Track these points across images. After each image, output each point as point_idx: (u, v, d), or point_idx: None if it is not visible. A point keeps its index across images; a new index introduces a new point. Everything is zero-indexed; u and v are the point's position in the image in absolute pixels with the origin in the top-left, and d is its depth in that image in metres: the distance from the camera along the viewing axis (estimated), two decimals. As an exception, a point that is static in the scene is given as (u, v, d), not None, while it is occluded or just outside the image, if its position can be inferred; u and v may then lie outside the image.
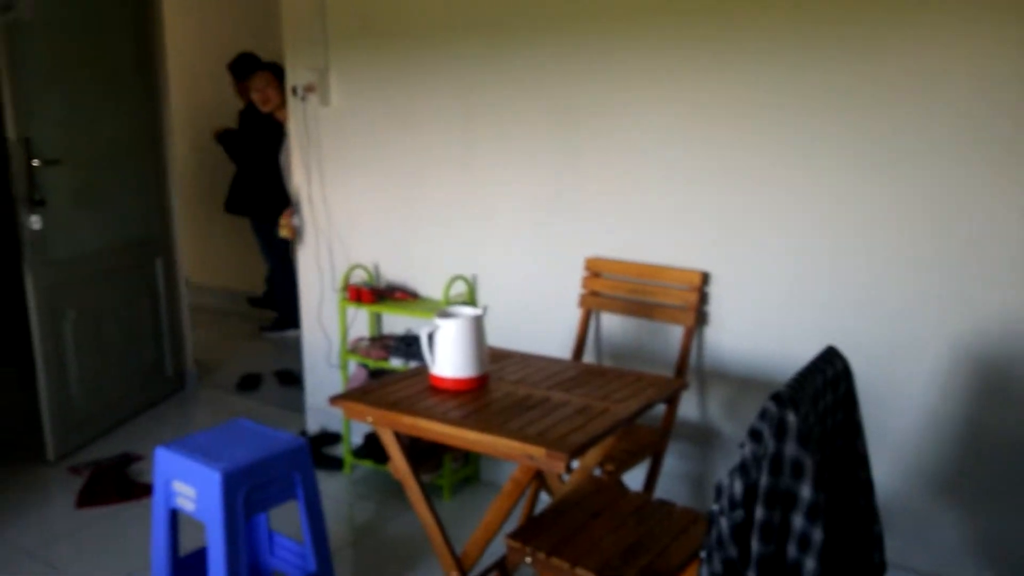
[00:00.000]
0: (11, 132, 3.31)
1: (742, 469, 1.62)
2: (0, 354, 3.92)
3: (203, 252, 6.24)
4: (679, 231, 2.72)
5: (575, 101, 2.85)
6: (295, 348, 5.28)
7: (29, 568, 2.80)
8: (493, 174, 3.10)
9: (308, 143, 3.57)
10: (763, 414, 1.63)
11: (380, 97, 3.34)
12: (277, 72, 4.02)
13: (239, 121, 5.12)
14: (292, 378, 4.57)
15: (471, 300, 3.22)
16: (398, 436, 2.20)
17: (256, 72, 4.00)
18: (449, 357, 2.19)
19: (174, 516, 2.40)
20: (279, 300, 5.45)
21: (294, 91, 3.54)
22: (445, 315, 2.24)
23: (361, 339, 3.44)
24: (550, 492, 2.55)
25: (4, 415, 3.87)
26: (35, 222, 3.40)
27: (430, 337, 2.23)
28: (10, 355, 3.94)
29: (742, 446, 1.65)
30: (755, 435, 1.63)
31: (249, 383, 4.53)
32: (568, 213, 2.94)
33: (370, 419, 2.16)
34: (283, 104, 3.98)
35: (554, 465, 1.84)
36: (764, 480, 1.58)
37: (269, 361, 4.94)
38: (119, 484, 3.36)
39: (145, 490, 3.30)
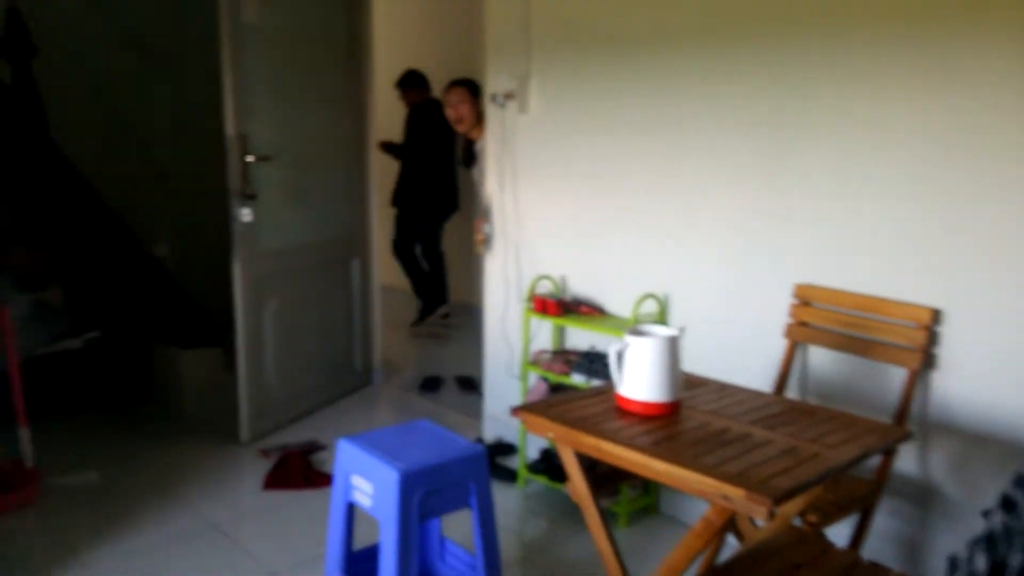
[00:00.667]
0: (229, 128, 3.51)
1: (988, 542, 1.37)
2: (212, 335, 4.17)
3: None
4: (904, 260, 2.42)
5: (785, 114, 2.62)
6: (477, 355, 5.31)
7: (216, 542, 2.92)
8: (695, 189, 2.92)
9: (503, 151, 3.54)
10: (1020, 481, 1.37)
11: (579, 105, 3.25)
12: (473, 89, 4.02)
13: (405, 125, 5.48)
14: (472, 385, 4.57)
15: (662, 320, 3.05)
16: (579, 456, 2.07)
17: (452, 86, 4.04)
18: (640, 378, 2.04)
19: (351, 510, 2.40)
20: (425, 290, 5.80)
21: (493, 98, 3.53)
22: (637, 333, 2.09)
23: (543, 352, 3.35)
24: (739, 536, 2.33)
25: (209, 394, 4.11)
26: (246, 215, 3.59)
27: (620, 355, 2.09)
28: (221, 337, 4.19)
29: (987, 515, 1.39)
30: (1009, 504, 1.37)
31: (431, 385, 4.57)
32: (776, 234, 2.70)
33: (551, 435, 2.05)
34: (478, 122, 3.98)
35: (755, 510, 1.65)
36: (1018, 559, 1.32)
37: (451, 366, 4.99)
38: (303, 470, 3.46)
39: (326, 479, 3.37)
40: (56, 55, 3.69)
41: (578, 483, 2.08)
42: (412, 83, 5.59)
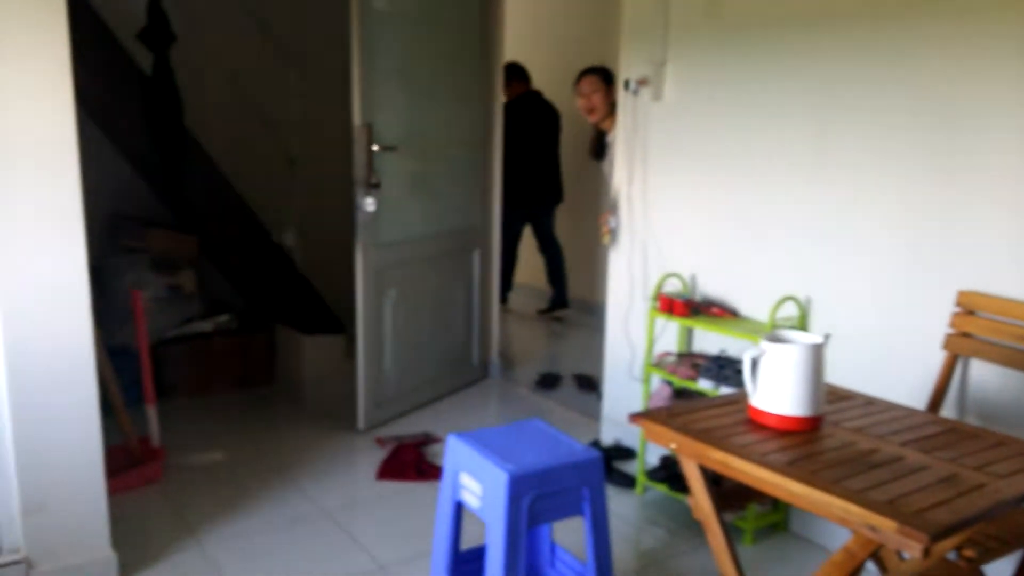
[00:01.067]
0: (356, 117, 3.50)
1: None
2: (334, 323, 4.20)
3: (521, 252, 6.35)
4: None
5: (956, 102, 2.33)
6: (596, 353, 5.16)
7: (327, 530, 2.91)
8: (847, 184, 2.66)
9: (634, 140, 3.37)
10: None
11: (719, 93, 3.04)
12: (606, 77, 3.86)
13: (504, 115, 5.29)
14: (590, 384, 4.42)
15: (802, 326, 2.81)
16: (703, 470, 1.90)
17: (583, 75, 3.88)
18: (778, 389, 1.84)
19: (459, 509, 2.31)
20: (557, 281, 5.76)
21: (626, 85, 3.36)
22: (777, 339, 1.90)
23: (668, 354, 3.17)
24: (881, 567, 2.09)
25: (328, 380, 4.15)
26: (370, 204, 3.57)
27: (755, 362, 1.90)
28: (341, 325, 4.22)
29: None
30: None
31: (548, 382, 4.46)
32: (939, 234, 2.42)
33: (673, 446, 1.88)
34: (610, 113, 3.82)
35: (907, 545, 1.43)
36: None
37: (570, 363, 4.85)
38: (417, 463, 3.42)
39: (439, 473, 3.32)
40: (192, 43, 3.80)
41: (701, 500, 1.91)
42: (510, 76, 5.41)
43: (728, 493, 2.02)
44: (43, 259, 2.37)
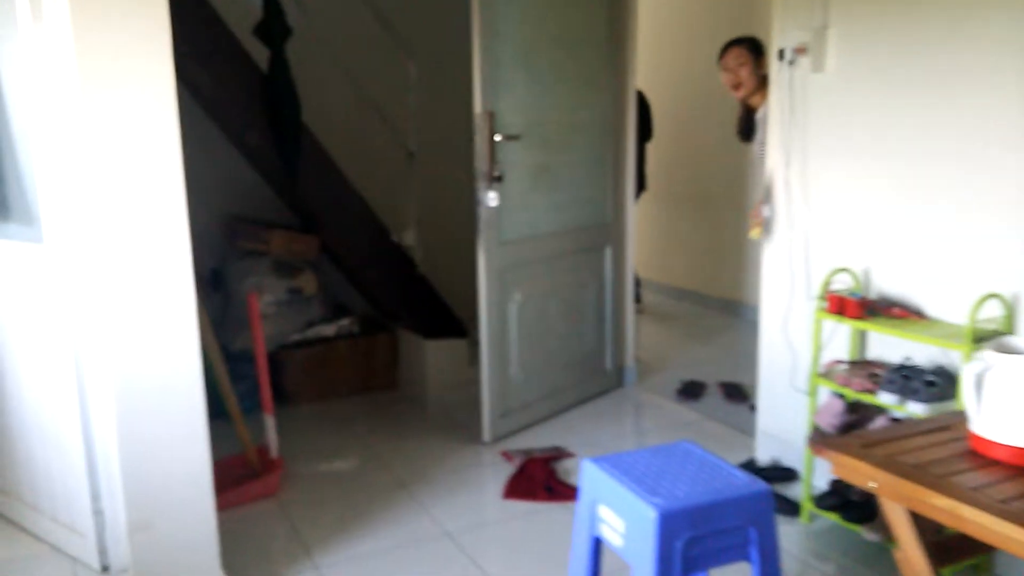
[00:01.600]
0: (477, 104, 3.23)
1: None
2: (456, 327, 3.95)
3: (651, 245, 5.96)
4: None
5: None
6: (743, 358, 4.70)
7: (450, 554, 2.64)
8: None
9: (792, 117, 2.94)
10: None
11: (896, 60, 2.57)
12: (754, 48, 3.42)
13: None
14: (739, 393, 3.99)
15: (1008, 328, 2.31)
16: (914, 515, 1.49)
17: (728, 47, 3.44)
18: (1012, 413, 1.41)
19: (597, 545, 1.98)
20: None
21: (780, 54, 2.93)
22: (1006, 349, 1.46)
23: (838, 362, 2.71)
24: None
25: (452, 387, 3.90)
26: (492, 199, 3.29)
27: (979, 379, 1.47)
28: (464, 329, 3.97)
29: None
30: None
31: (691, 391, 4.05)
32: None
33: (873, 485, 1.48)
34: (760, 87, 3.38)
35: None
36: None
37: (714, 369, 4.42)
38: (547, 480, 3.11)
39: (571, 492, 3.00)
40: (307, 37, 3.63)
41: (913, 556, 1.50)
42: None
43: (949, 546, 1.60)
44: (147, 267, 2.20)
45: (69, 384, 2.36)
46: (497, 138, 3.28)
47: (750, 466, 3.15)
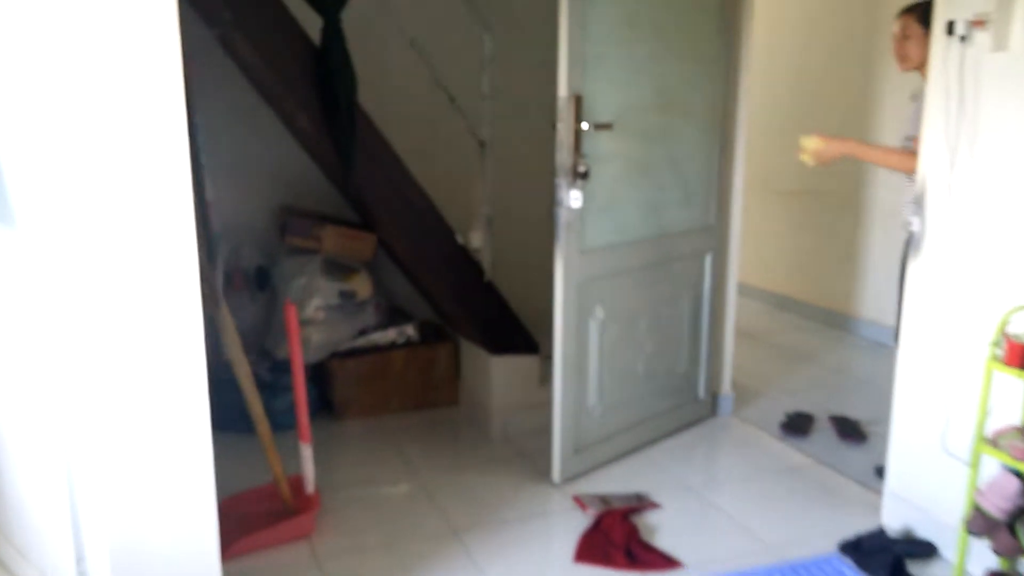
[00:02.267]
0: (562, 86, 2.70)
1: None
2: (526, 342, 3.45)
3: (753, 248, 5.30)
4: None
5: None
6: (858, 384, 4.08)
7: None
8: None
9: (960, 107, 2.31)
10: None
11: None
12: (925, 18, 2.76)
13: None
14: (855, 431, 3.39)
15: None
16: None
17: (900, 14, 2.80)
18: None
19: None
20: None
21: (949, 28, 2.31)
22: None
23: (1013, 429, 2.11)
24: None
25: (520, 412, 3.41)
26: (575, 199, 2.77)
27: None
28: (534, 345, 3.46)
29: None
30: None
31: (797, 426, 3.46)
32: None
33: None
34: (926, 62, 2.74)
35: None
36: None
37: (823, 397, 3.82)
38: (627, 539, 2.60)
39: (656, 561, 2.49)
40: (365, 4, 3.15)
41: None
42: None
43: None
44: (140, 261, 1.77)
45: (44, 394, 1.96)
46: (584, 127, 2.75)
47: (879, 537, 2.57)
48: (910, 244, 2.53)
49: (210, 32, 2.97)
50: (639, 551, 2.55)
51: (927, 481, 2.48)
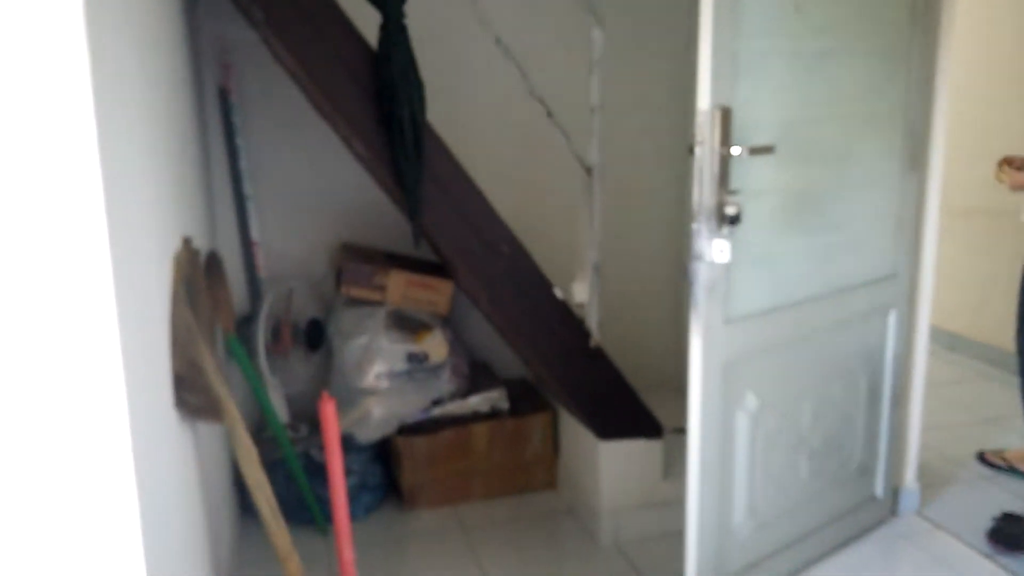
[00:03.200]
0: (703, 95, 1.92)
1: None
2: (643, 421, 2.68)
3: (950, 288, 4.26)
4: None
5: None
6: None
7: None
8: None
9: None
10: None
11: None
12: None
13: None
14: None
15: None
16: None
17: None
18: None
19: None
20: None
21: None
22: None
23: None
24: None
25: (638, 511, 2.65)
26: (720, 251, 1.98)
27: None
28: (654, 427, 2.68)
29: None
30: None
31: (1010, 537, 2.56)
32: None
33: None
34: None
35: None
36: None
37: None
38: None
39: None
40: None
41: None
42: None
43: None
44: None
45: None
46: (735, 151, 1.96)
47: None
48: None
49: (255, 34, 2.30)
50: None
51: None
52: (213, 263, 2.41)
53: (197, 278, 1.90)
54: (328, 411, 1.96)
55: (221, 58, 2.74)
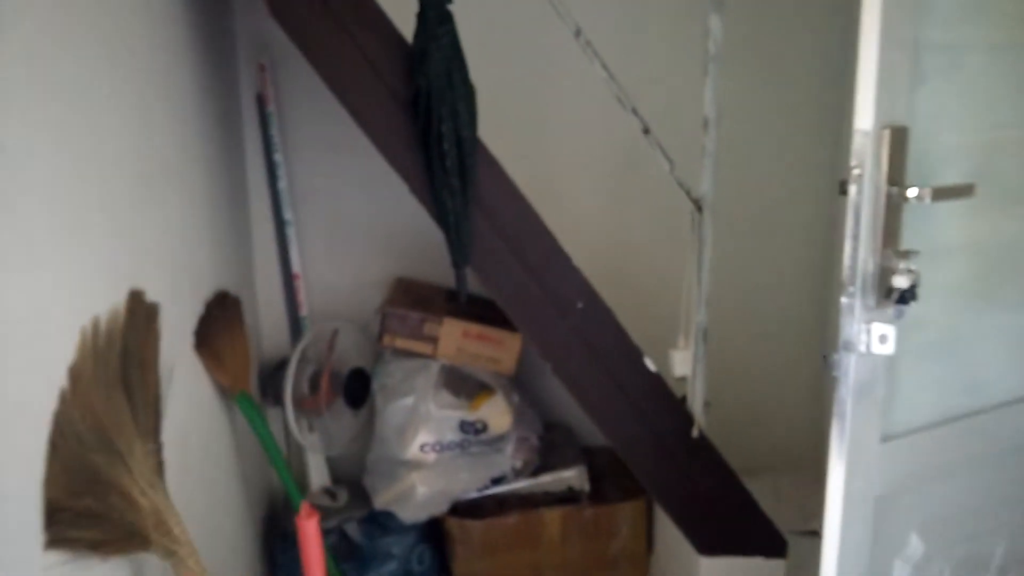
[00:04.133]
0: (863, 113, 1.29)
1: None
2: (769, 533, 2.04)
3: None
4: None
5: None
6: None
7: None
8: None
9: None
10: None
11: None
12: None
13: None
14: None
15: None
16: None
17: None
18: None
19: None
20: None
21: None
22: None
23: None
24: None
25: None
26: (882, 339, 1.34)
27: None
28: (777, 543, 2.05)
29: None
30: None
31: None
32: None
33: None
34: None
35: None
36: None
37: None
38: None
39: None
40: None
41: None
42: None
43: None
44: None
45: None
46: (911, 193, 1.31)
47: None
48: None
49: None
50: None
51: None
52: (222, 306, 1.97)
53: (149, 344, 1.43)
54: (309, 528, 1.45)
55: (256, 58, 2.30)
